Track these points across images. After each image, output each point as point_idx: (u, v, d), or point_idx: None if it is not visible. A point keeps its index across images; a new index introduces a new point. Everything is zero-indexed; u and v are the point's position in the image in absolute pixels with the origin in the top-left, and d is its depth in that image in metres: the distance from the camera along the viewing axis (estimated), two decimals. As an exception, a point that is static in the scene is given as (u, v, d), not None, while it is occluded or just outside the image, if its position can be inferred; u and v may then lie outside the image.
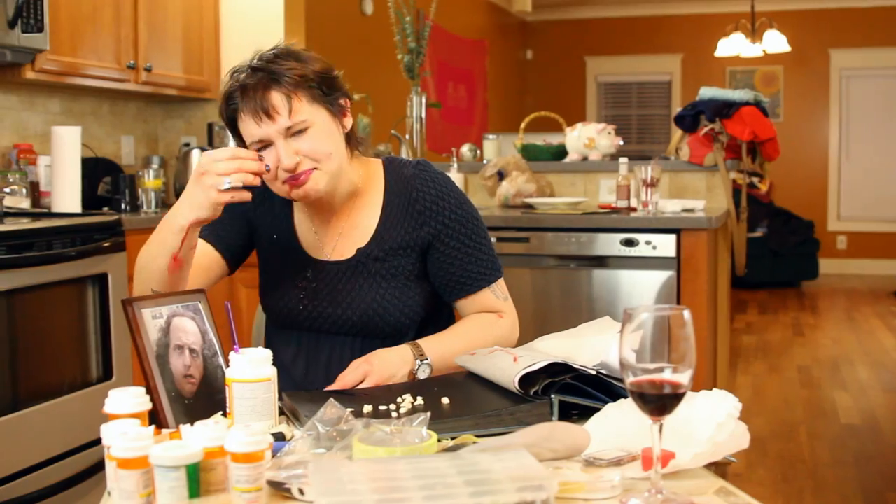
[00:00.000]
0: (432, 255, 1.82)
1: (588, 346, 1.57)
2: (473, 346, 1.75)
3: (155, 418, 1.38)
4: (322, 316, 1.80)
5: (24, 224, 3.00)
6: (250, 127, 1.67)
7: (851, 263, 10.02)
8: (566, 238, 3.52)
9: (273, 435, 1.36)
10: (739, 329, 7.04)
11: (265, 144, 1.68)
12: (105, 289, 3.23)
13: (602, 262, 3.49)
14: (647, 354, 1.11)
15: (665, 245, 3.39)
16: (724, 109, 3.77)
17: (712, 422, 1.24)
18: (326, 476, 1.07)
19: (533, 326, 2.69)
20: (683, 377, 1.10)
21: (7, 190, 3.52)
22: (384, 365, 1.66)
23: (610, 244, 3.46)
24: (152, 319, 1.40)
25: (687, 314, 1.10)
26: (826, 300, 8.49)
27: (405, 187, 1.82)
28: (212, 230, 1.85)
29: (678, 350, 1.10)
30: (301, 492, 1.12)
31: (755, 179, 9.36)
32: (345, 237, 1.82)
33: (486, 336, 1.82)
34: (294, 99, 1.66)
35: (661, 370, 1.10)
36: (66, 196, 3.50)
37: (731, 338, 6.59)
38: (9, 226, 2.91)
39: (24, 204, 3.56)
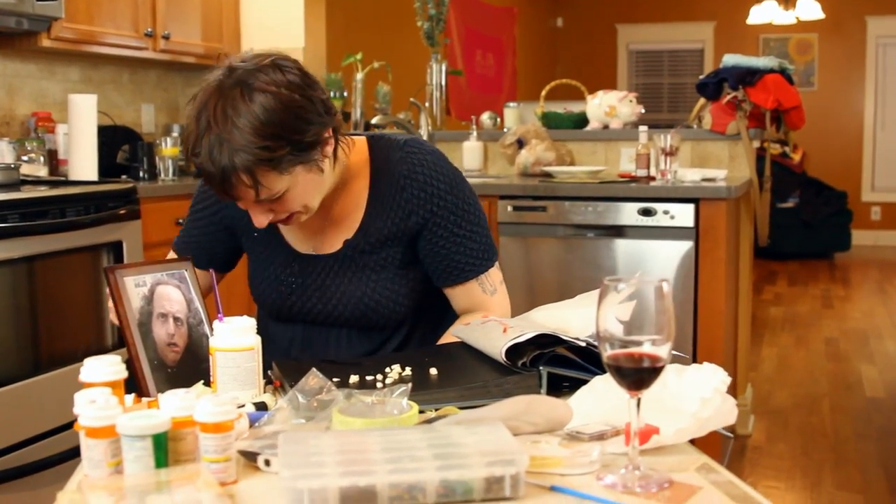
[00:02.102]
0: (421, 243, 1.72)
1: (581, 316, 1.54)
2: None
3: (136, 387, 1.37)
4: (313, 311, 1.73)
5: (38, 192, 3.00)
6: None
7: (885, 235, 9.86)
8: (583, 207, 3.48)
9: (255, 405, 1.35)
10: (768, 300, 6.96)
11: None
12: (120, 256, 3.24)
13: (620, 231, 3.45)
14: (625, 327, 1.08)
15: (683, 215, 3.33)
16: (747, 77, 3.69)
17: (697, 397, 1.20)
18: (294, 447, 1.06)
19: (548, 296, 2.65)
20: (662, 350, 1.07)
21: (25, 158, 3.53)
22: None
23: (628, 214, 3.41)
24: (135, 287, 1.39)
25: (666, 286, 1.06)
26: (858, 272, 8.37)
27: (392, 173, 1.69)
28: (181, 245, 1.83)
29: (657, 323, 1.06)
30: (267, 463, 1.11)
31: (787, 149, 9.24)
32: (331, 229, 1.73)
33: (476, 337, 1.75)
34: (261, 182, 1.49)
35: (639, 343, 1.07)
36: (83, 164, 3.50)
37: (759, 309, 6.52)
38: (23, 193, 2.92)
39: (42, 172, 3.58)
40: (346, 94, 4.60)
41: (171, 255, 1.84)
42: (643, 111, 4.10)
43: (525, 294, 3.57)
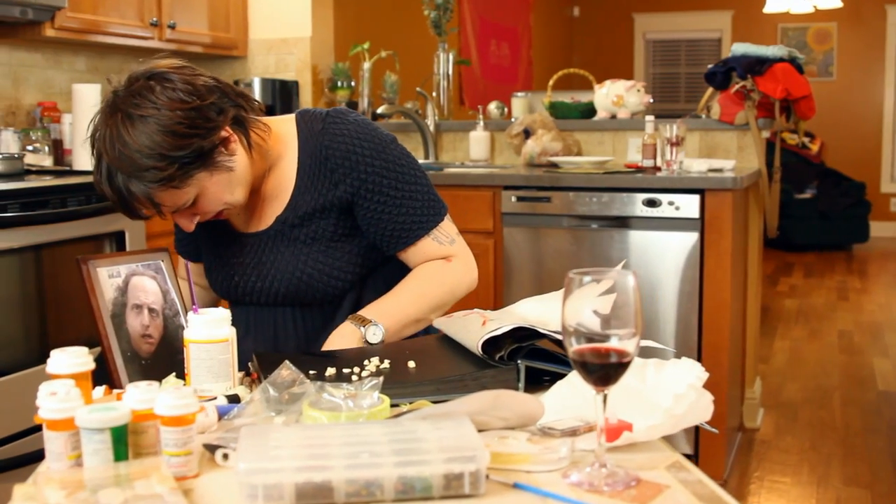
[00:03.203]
0: (358, 213, 1.70)
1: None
2: (424, 296, 1.69)
3: (109, 378, 1.36)
4: (255, 290, 1.73)
5: (40, 181, 3.00)
6: None
7: (904, 226, 9.77)
8: (588, 198, 3.45)
9: (228, 397, 1.34)
10: (783, 292, 6.90)
11: None
12: (123, 246, 3.24)
13: (625, 222, 3.41)
14: (590, 322, 1.05)
15: (688, 206, 3.30)
16: (756, 66, 3.64)
17: (671, 393, 1.18)
18: (254, 441, 1.04)
19: (551, 287, 2.61)
20: (630, 345, 1.04)
21: (30, 148, 3.53)
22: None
23: (632, 204, 3.38)
24: (108, 278, 1.38)
25: (627, 279, 1.04)
26: (876, 264, 8.28)
27: (315, 145, 1.69)
28: (179, 247, 1.90)
29: (623, 317, 1.04)
30: (225, 457, 1.09)
31: (806, 140, 9.16)
32: (266, 206, 1.73)
33: (435, 282, 1.73)
34: (161, 202, 1.53)
35: (606, 338, 1.04)
36: (87, 154, 3.49)
37: (774, 301, 6.47)
38: (25, 183, 2.92)
39: (47, 162, 3.58)
40: (353, 83, 4.58)
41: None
42: (651, 101, 4.06)
43: (528, 285, 3.54)
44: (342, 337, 1.62)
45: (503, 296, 3.59)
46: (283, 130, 1.74)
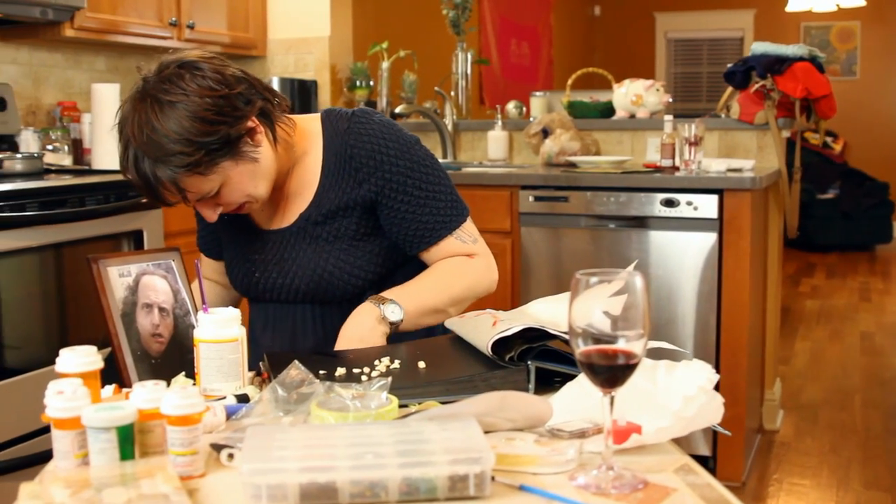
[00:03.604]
0: (381, 212, 1.71)
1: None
2: (445, 287, 1.69)
3: (119, 377, 1.37)
4: (275, 286, 1.73)
5: (58, 181, 3.02)
6: None
7: (929, 227, 9.66)
8: (606, 198, 3.43)
9: (237, 397, 1.34)
10: (804, 293, 6.85)
11: None
12: (141, 245, 3.25)
13: (642, 222, 3.40)
14: (600, 323, 1.04)
15: (707, 206, 3.27)
16: (775, 65, 3.62)
17: (681, 395, 1.17)
18: (259, 441, 1.04)
19: (569, 288, 2.60)
20: (637, 346, 1.04)
21: (49, 147, 3.56)
22: (348, 343, 1.60)
23: (650, 204, 3.36)
24: (119, 277, 1.38)
25: (637, 280, 1.03)
26: (899, 265, 8.21)
27: (340, 144, 1.70)
28: (202, 245, 1.92)
29: (631, 318, 1.03)
30: (230, 457, 1.09)
31: (829, 139, 9.09)
32: (290, 203, 1.74)
33: (456, 275, 1.73)
34: (187, 188, 1.54)
35: (614, 339, 1.04)
36: (106, 153, 3.51)
37: (795, 302, 6.43)
38: (43, 182, 2.94)
39: (66, 161, 3.60)
40: (371, 82, 4.59)
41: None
42: (670, 100, 4.03)
43: (546, 285, 3.53)
44: (360, 314, 1.63)
45: (520, 296, 3.58)
46: (309, 128, 1.75)
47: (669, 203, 3.32)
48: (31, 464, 2.74)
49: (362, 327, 1.61)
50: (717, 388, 3.48)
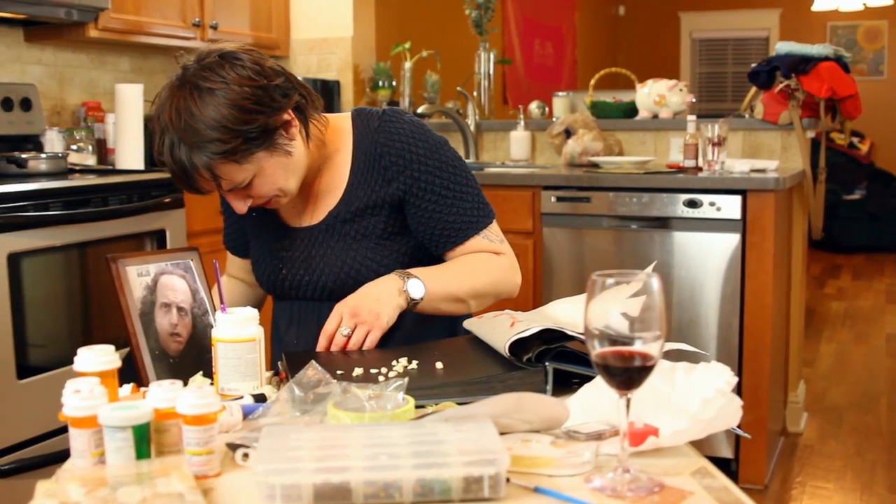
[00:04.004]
0: (409, 211, 1.72)
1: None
2: (468, 277, 1.69)
3: (137, 376, 1.37)
4: (302, 283, 1.74)
5: (82, 180, 3.04)
6: None
7: (957, 228, 9.54)
8: (628, 198, 3.41)
9: (254, 396, 1.34)
10: (830, 294, 6.79)
11: None
12: (163, 244, 3.27)
13: (665, 223, 3.38)
14: (618, 324, 1.04)
15: (730, 206, 3.25)
16: (800, 65, 3.59)
17: (699, 397, 1.16)
18: (273, 441, 1.04)
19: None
20: (653, 348, 1.03)
21: (74, 147, 3.58)
22: (363, 299, 1.59)
23: (673, 205, 3.34)
24: (138, 277, 1.39)
25: (654, 282, 1.02)
26: (927, 266, 8.13)
27: (370, 143, 1.71)
28: (228, 242, 1.93)
29: (648, 320, 1.02)
30: (245, 456, 1.09)
31: (855, 140, 9.01)
32: (319, 201, 1.75)
33: (481, 268, 1.72)
34: (221, 175, 1.55)
35: (630, 341, 1.03)
36: (129, 153, 3.54)
37: (820, 303, 6.37)
38: (67, 182, 2.96)
39: (90, 161, 3.63)
40: (394, 83, 4.59)
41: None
42: (694, 100, 4.01)
43: (568, 285, 3.52)
44: (384, 281, 1.63)
45: (542, 296, 3.57)
46: (340, 126, 1.76)
47: (692, 204, 3.30)
48: (53, 462, 2.77)
49: (381, 291, 1.61)
50: (738, 390, 3.46)
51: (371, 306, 1.57)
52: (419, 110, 4.28)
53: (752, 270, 3.26)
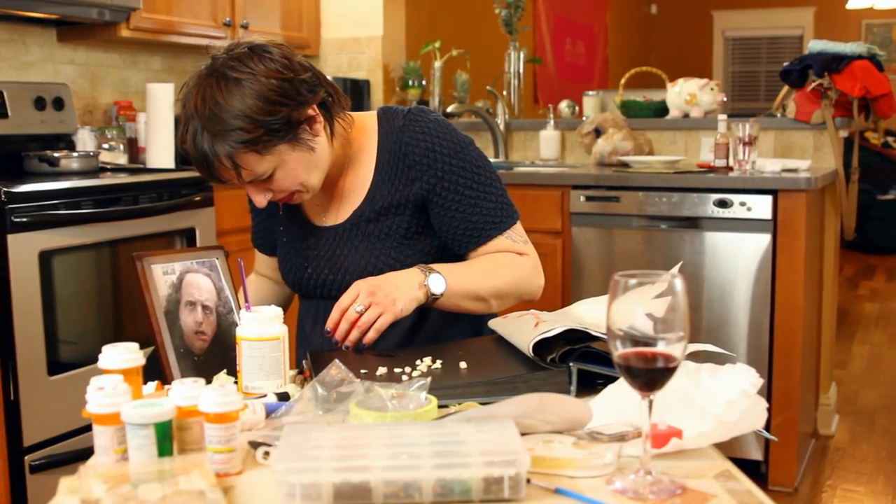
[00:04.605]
0: (432, 210, 1.71)
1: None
2: (491, 276, 1.68)
3: (161, 374, 1.38)
4: (326, 282, 1.74)
5: (112, 179, 3.07)
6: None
7: None
8: (657, 198, 3.39)
9: (277, 395, 1.34)
10: (863, 296, 6.71)
11: None
12: (193, 242, 3.29)
13: (694, 223, 3.35)
14: (643, 325, 1.03)
15: (761, 206, 3.22)
16: (833, 63, 3.55)
17: (723, 399, 1.14)
18: (294, 440, 1.04)
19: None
20: (676, 349, 1.02)
21: (105, 146, 3.61)
22: (383, 282, 1.58)
23: (703, 205, 3.32)
24: (163, 275, 1.39)
25: (678, 282, 1.01)
26: (963, 267, 8.01)
27: (395, 141, 1.71)
28: (256, 240, 1.94)
29: (671, 320, 1.01)
30: (266, 455, 1.09)
31: (890, 140, 8.89)
32: (343, 200, 1.75)
33: (504, 267, 1.71)
34: (242, 164, 1.55)
35: (653, 342, 1.02)
36: (160, 152, 3.56)
37: (854, 305, 6.30)
38: (98, 180, 2.99)
39: (122, 160, 3.66)
40: (424, 82, 4.59)
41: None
42: (724, 99, 3.98)
43: (597, 285, 3.50)
44: (406, 273, 1.61)
45: (570, 296, 3.55)
46: (365, 125, 1.76)
47: (722, 204, 3.27)
48: (83, 458, 2.78)
49: (402, 280, 1.60)
50: (768, 391, 3.42)
51: (389, 291, 1.56)
52: (449, 109, 4.28)
53: (783, 271, 3.22)
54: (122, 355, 1.19)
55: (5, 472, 2.69)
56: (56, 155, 3.22)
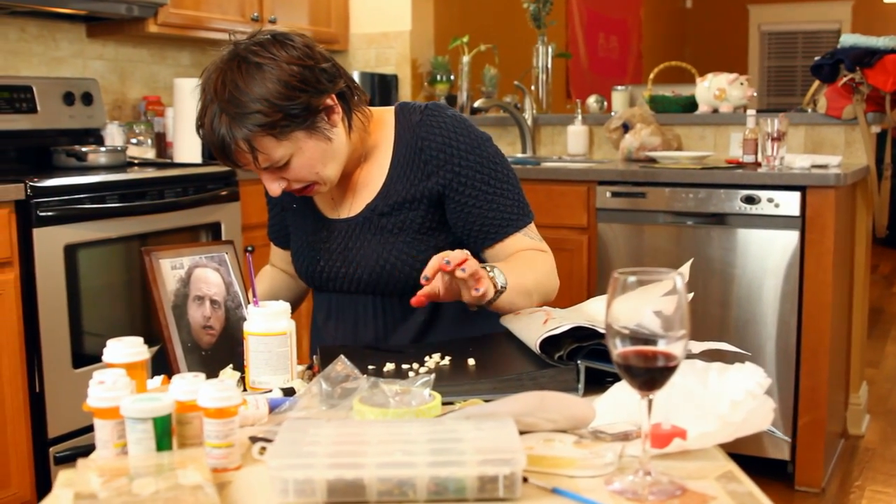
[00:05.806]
0: (448, 206, 1.70)
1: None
2: (532, 271, 1.65)
3: (168, 368, 1.39)
4: (338, 276, 1.74)
5: (139, 173, 3.09)
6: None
7: None
8: (684, 194, 3.36)
9: (283, 390, 1.34)
10: (898, 294, 6.61)
11: None
12: (218, 236, 3.31)
13: (721, 219, 3.31)
14: (650, 323, 1.01)
15: (789, 203, 3.18)
16: (865, 58, 3.49)
17: (728, 399, 1.13)
18: (290, 436, 1.04)
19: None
20: (677, 348, 1.00)
21: (133, 141, 3.64)
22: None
23: (730, 201, 3.28)
24: (171, 270, 1.40)
25: (679, 279, 1.00)
26: None
27: (412, 136, 1.70)
28: (272, 233, 1.95)
29: (672, 318, 1.00)
30: (262, 451, 1.09)
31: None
32: (357, 194, 1.75)
33: (537, 263, 1.69)
34: (258, 149, 1.54)
35: (653, 340, 1.00)
36: (188, 146, 3.59)
37: (889, 303, 6.21)
38: (124, 174, 3.01)
39: (150, 154, 3.69)
40: (452, 77, 4.58)
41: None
42: (754, 94, 3.93)
43: (622, 282, 3.47)
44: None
45: (596, 292, 3.53)
46: (383, 120, 1.76)
47: (750, 200, 3.23)
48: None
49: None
50: (795, 390, 3.36)
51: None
52: (476, 104, 4.27)
53: (812, 269, 3.18)
54: (127, 349, 1.19)
55: (30, 464, 2.72)
56: (84, 150, 3.25)
